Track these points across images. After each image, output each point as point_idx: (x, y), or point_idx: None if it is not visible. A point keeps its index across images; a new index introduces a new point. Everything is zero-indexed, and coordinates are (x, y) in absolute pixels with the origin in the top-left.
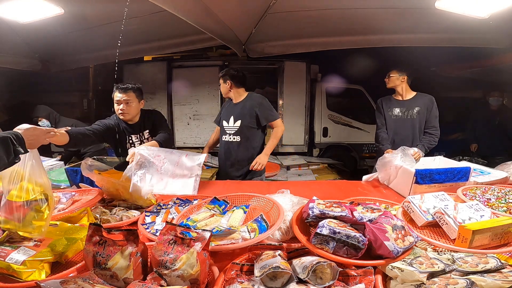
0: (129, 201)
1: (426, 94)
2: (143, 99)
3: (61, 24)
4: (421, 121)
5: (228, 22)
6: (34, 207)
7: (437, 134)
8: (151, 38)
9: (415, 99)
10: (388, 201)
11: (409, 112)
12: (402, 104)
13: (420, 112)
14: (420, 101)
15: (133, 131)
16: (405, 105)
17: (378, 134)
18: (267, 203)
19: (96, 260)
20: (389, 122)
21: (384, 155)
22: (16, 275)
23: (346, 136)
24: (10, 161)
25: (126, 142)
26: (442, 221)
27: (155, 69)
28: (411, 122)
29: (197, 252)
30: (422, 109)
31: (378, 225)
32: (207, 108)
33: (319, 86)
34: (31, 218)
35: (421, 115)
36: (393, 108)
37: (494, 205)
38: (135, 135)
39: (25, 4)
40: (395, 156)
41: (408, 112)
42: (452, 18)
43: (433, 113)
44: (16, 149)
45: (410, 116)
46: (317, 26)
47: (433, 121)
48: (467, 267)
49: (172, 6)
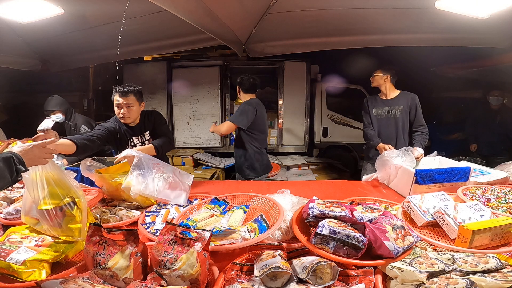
0: (128, 201)
1: (410, 92)
2: (143, 102)
3: (61, 24)
4: (404, 120)
5: (228, 22)
6: (65, 212)
7: (427, 131)
8: (151, 38)
9: (398, 98)
10: (388, 201)
11: (393, 111)
12: (386, 103)
13: (403, 111)
14: (403, 99)
15: (134, 133)
16: (389, 104)
17: (366, 131)
18: (267, 203)
19: (96, 260)
20: (374, 121)
21: (382, 153)
22: (16, 275)
23: (346, 136)
24: (13, 180)
25: (127, 144)
26: (442, 221)
27: (155, 69)
28: (395, 121)
29: (197, 252)
30: (405, 107)
31: (378, 225)
32: (207, 108)
33: (319, 86)
34: (67, 222)
35: (404, 113)
36: (377, 107)
37: (494, 205)
38: (136, 137)
39: (25, 4)
40: (395, 155)
41: (391, 111)
42: (452, 18)
43: (418, 112)
44: (17, 167)
45: (393, 115)
46: (317, 26)
47: (421, 120)
48: (467, 267)
49: (172, 6)
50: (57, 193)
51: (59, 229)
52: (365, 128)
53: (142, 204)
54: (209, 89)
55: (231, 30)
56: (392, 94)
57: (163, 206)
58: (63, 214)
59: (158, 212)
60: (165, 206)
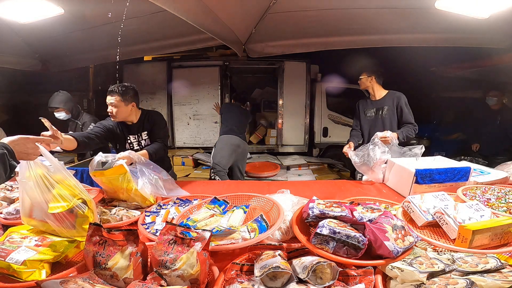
0: (128, 201)
1: (396, 91)
2: (134, 102)
3: (61, 24)
4: (391, 119)
5: (228, 22)
6: (77, 213)
7: (415, 128)
8: (151, 38)
9: (384, 98)
10: (388, 201)
11: (380, 111)
12: (374, 104)
13: (389, 109)
14: (389, 99)
15: (131, 132)
16: (377, 104)
17: (350, 133)
18: (267, 203)
19: (96, 260)
20: (364, 123)
21: (350, 156)
22: (16, 275)
23: (346, 136)
24: (7, 177)
25: (125, 142)
26: (442, 221)
27: (155, 69)
28: (382, 121)
29: (197, 252)
30: (390, 107)
31: (378, 225)
32: (207, 108)
33: (319, 86)
34: (81, 223)
35: (390, 112)
36: (367, 109)
37: (494, 205)
38: (133, 135)
39: (25, 4)
40: (360, 154)
41: (379, 112)
42: (452, 18)
43: (404, 110)
44: (11, 163)
45: (380, 116)
46: (317, 26)
47: (409, 118)
48: (467, 267)
49: (172, 6)
50: (65, 195)
51: (73, 230)
52: (351, 130)
53: (142, 204)
54: (209, 89)
55: (231, 30)
56: (379, 95)
57: (163, 206)
58: (75, 216)
59: (158, 212)
60: (165, 206)
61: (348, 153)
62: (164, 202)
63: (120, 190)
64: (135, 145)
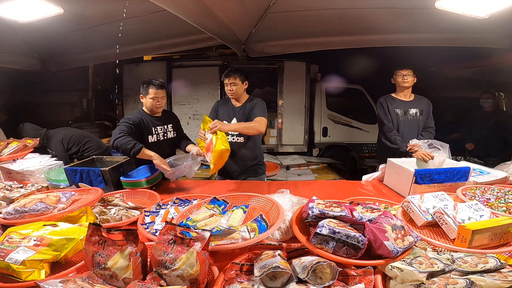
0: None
1: (422, 96)
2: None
3: (61, 24)
4: (420, 122)
5: (228, 22)
6: None
7: (434, 133)
8: (151, 37)
9: (417, 101)
10: (388, 201)
11: (413, 113)
12: (406, 104)
13: (422, 113)
14: (422, 103)
15: (159, 123)
16: (410, 105)
17: (389, 136)
18: (266, 203)
19: (96, 260)
20: (394, 122)
21: (423, 161)
22: (15, 275)
23: (345, 136)
24: None
25: (151, 133)
26: (441, 221)
27: (155, 68)
28: (417, 123)
29: (196, 252)
30: (424, 111)
31: (378, 225)
32: (207, 108)
33: (319, 86)
34: None
35: (423, 116)
36: (398, 108)
37: (494, 205)
38: (160, 126)
39: (24, 4)
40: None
41: (414, 113)
42: (452, 18)
43: (430, 116)
44: None
45: (412, 117)
46: (317, 26)
47: (431, 123)
48: (466, 267)
49: (172, 5)
50: None
51: None
52: (388, 131)
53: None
54: (208, 88)
55: (231, 30)
56: (410, 96)
57: (162, 206)
58: None
59: (157, 212)
60: (165, 206)
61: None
62: (164, 202)
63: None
64: (160, 136)
